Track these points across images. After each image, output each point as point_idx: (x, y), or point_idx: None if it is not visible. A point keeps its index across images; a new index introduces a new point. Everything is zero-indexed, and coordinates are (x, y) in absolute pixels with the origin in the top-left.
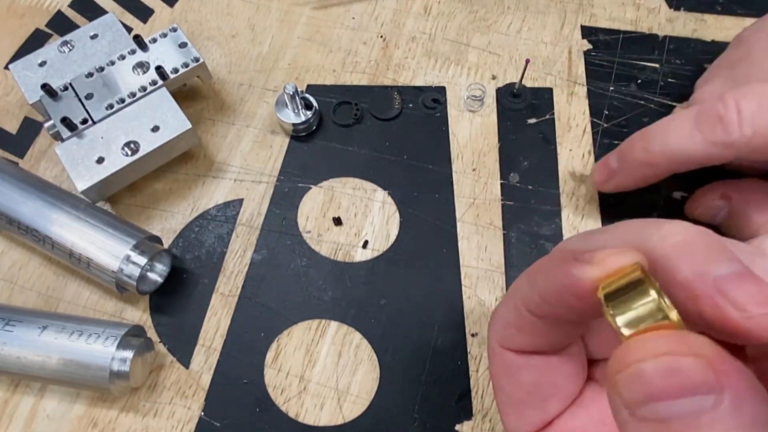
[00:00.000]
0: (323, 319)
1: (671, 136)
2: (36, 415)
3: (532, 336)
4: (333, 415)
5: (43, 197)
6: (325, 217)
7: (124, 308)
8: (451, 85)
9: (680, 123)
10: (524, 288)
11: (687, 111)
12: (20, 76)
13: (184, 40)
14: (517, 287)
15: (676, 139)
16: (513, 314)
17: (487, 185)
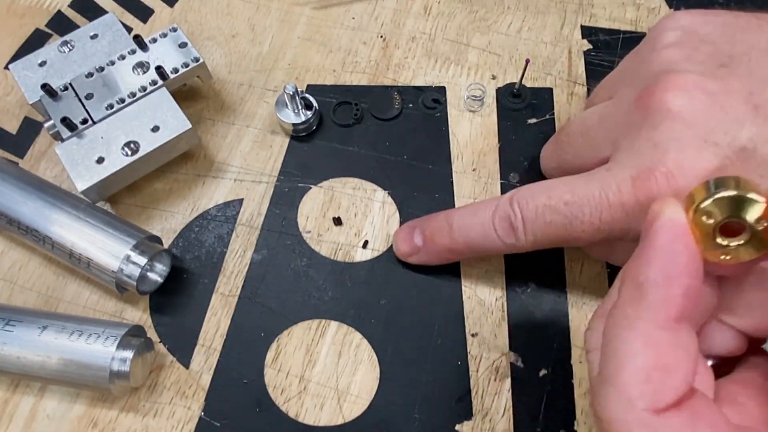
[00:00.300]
0: (323, 319)
1: (473, 231)
2: (36, 415)
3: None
4: (333, 415)
5: (43, 197)
6: (325, 217)
7: (124, 308)
8: (451, 85)
9: (482, 218)
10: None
11: (489, 206)
12: (20, 76)
13: (184, 40)
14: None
15: (477, 235)
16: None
17: (487, 185)
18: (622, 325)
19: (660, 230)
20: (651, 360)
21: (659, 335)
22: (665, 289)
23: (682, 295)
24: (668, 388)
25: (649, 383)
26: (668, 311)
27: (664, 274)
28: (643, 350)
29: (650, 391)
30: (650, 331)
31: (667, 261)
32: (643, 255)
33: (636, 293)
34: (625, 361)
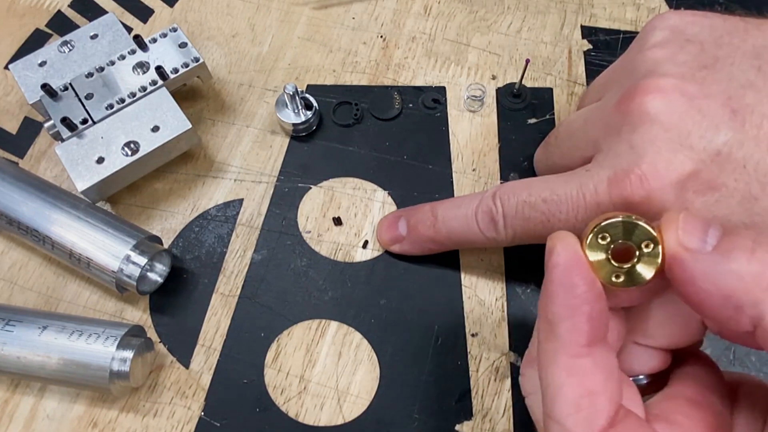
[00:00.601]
0: (323, 319)
1: (456, 222)
2: (36, 415)
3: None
4: (333, 415)
5: (43, 197)
6: (325, 217)
7: (124, 308)
8: (451, 85)
9: (466, 210)
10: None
11: (473, 200)
12: (20, 76)
13: (184, 40)
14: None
15: (459, 226)
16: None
17: (487, 185)
18: (546, 361)
19: (556, 266)
20: (577, 388)
21: (578, 363)
22: (570, 320)
23: (586, 321)
24: (598, 412)
25: (580, 411)
26: (578, 339)
27: (566, 306)
28: (568, 380)
29: (583, 419)
30: (569, 362)
31: (566, 293)
32: (546, 292)
33: (548, 329)
34: (556, 395)
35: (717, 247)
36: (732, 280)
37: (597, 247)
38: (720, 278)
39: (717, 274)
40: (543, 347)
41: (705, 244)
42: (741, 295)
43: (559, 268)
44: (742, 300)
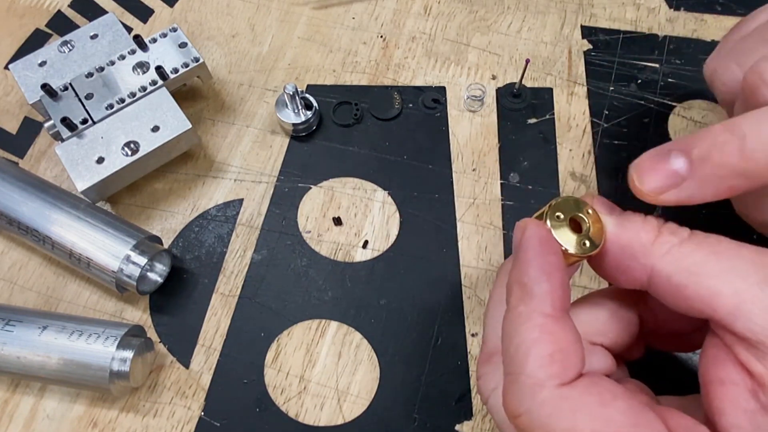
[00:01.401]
0: (323, 319)
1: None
2: (36, 415)
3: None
4: (333, 415)
5: (43, 197)
6: (325, 217)
7: (124, 308)
8: (451, 85)
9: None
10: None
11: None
12: (20, 76)
13: (184, 40)
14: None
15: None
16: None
17: (487, 185)
18: (518, 322)
19: (530, 239)
20: (551, 345)
21: (551, 323)
22: (547, 283)
23: (560, 287)
24: (570, 365)
25: (554, 363)
26: (553, 302)
27: (542, 271)
28: (541, 337)
29: (557, 370)
30: (543, 321)
31: (542, 261)
32: (521, 260)
33: (522, 293)
34: (529, 352)
35: (621, 215)
36: (630, 234)
37: (557, 224)
38: (622, 233)
39: (620, 228)
40: (515, 311)
41: (613, 210)
42: (636, 247)
43: (535, 239)
44: (637, 251)
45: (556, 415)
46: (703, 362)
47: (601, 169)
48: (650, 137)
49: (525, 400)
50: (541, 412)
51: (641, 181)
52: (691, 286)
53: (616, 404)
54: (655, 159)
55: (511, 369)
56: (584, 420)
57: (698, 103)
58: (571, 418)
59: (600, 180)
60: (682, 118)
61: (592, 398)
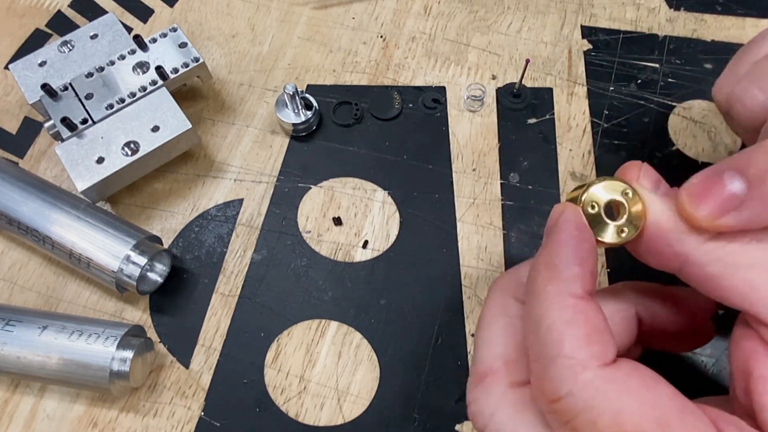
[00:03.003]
0: (323, 319)
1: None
2: (36, 415)
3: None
4: (333, 415)
5: (43, 197)
6: (325, 217)
7: (124, 308)
8: (451, 85)
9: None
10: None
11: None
12: (20, 76)
13: (184, 40)
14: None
15: None
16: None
17: (487, 185)
18: (546, 302)
19: (566, 223)
20: (587, 325)
21: (584, 305)
22: (579, 267)
23: (590, 272)
24: (608, 346)
25: (593, 343)
26: (584, 285)
27: (575, 255)
28: (576, 317)
29: (597, 351)
30: (575, 302)
31: (576, 245)
32: (554, 243)
33: (551, 273)
34: (563, 332)
35: (664, 194)
36: (670, 220)
37: (589, 211)
38: (663, 216)
39: (661, 212)
40: (543, 292)
41: (658, 189)
42: (673, 233)
43: (572, 223)
44: (674, 238)
45: (601, 397)
46: (738, 356)
47: (601, 169)
48: (650, 137)
49: (567, 383)
50: (585, 394)
51: (695, 207)
52: (727, 278)
53: (662, 388)
54: (707, 181)
55: (544, 352)
56: (631, 403)
57: (698, 103)
58: (618, 400)
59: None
60: (682, 118)
61: (638, 381)
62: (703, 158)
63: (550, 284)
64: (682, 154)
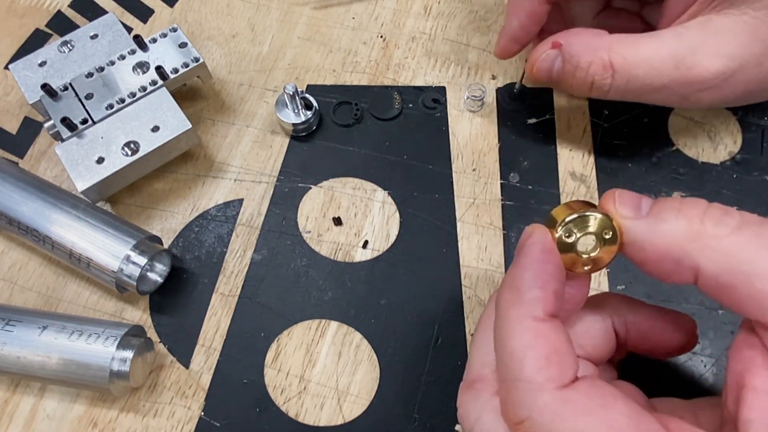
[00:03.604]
0: (323, 319)
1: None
2: (36, 415)
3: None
4: (333, 415)
5: (43, 197)
6: (325, 217)
7: (124, 308)
8: (451, 85)
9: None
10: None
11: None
12: (20, 76)
13: (184, 40)
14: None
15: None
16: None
17: (487, 185)
18: (509, 325)
19: (533, 245)
20: (545, 347)
21: (543, 326)
22: (540, 290)
23: (553, 294)
24: (567, 367)
25: (551, 366)
26: (545, 307)
27: (538, 277)
28: (536, 340)
29: (555, 373)
30: (535, 325)
31: (539, 268)
32: (519, 265)
33: (515, 296)
34: (525, 355)
35: (649, 212)
36: (665, 238)
37: (564, 240)
38: (656, 238)
39: (654, 234)
40: (506, 315)
41: (640, 211)
42: (675, 250)
43: (537, 245)
44: (677, 254)
45: (558, 419)
46: (736, 363)
47: (601, 169)
48: (650, 137)
49: (526, 406)
50: (544, 417)
51: (530, 59)
52: (740, 287)
53: (618, 407)
54: (544, 50)
55: (507, 375)
56: (588, 423)
57: None
58: (574, 421)
59: (600, 180)
60: (682, 118)
61: (594, 401)
62: (703, 158)
63: (513, 307)
64: (682, 154)
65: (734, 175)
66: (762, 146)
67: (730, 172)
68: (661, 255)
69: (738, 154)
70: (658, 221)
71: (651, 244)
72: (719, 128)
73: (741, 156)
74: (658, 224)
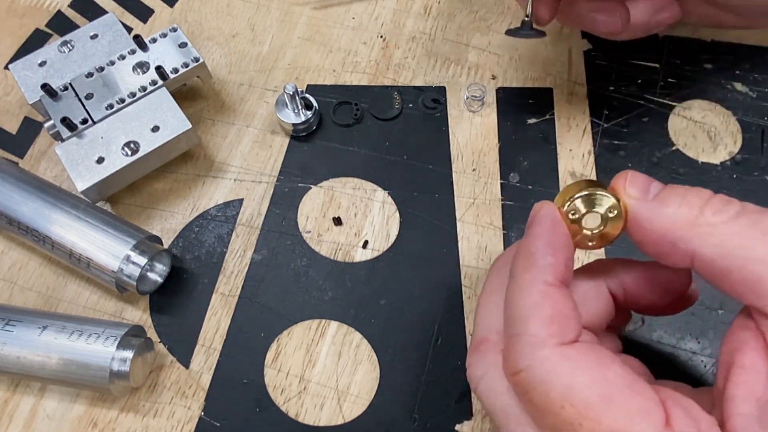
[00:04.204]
0: (323, 319)
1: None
2: (36, 415)
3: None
4: (333, 415)
5: (43, 197)
6: (325, 217)
7: (124, 308)
8: (451, 85)
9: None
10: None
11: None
12: (20, 76)
13: (184, 40)
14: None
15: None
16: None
17: (487, 185)
18: (521, 287)
19: (544, 217)
20: (551, 308)
21: (553, 291)
22: (552, 257)
23: (563, 263)
24: (570, 328)
25: (554, 324)
26: (556, 273)
27: (550, 246)
28: (544, 301)
29: (557, 331)
30: (545, 288)
31: (551, 237)
32: (531, 234)
33: (528, 262)
34: (531, 313)
35: (656, 196)
36: (667, 221)
37: (570, 216)
38: (657, 220)
39: (655, 216)
40: (520, 277)
41: (648, 194)
42: (674, 233)
43: (548, 217)
44: (675, 237)
45: (555, 371)
46: (729, 345)
47: (601, 169)
48: (650, 137)
49: (526, 357)
50: (542, 368)
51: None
52: (736, 271)
53: (613, 367)
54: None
55: (513, 330)
56: (582, 377)
57: (698, 103)
58: (570, 374)
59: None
60: (682, 118)
61: (591, 359)
62: (703, 158)
63: (527, 271)
64: (682, 154)
65: (734, 175)
66: (762, 146)
67: (730, 172)
68: (659, 236)
69: (738, 154)
70: (661, 205)
71: (651, 225)
72: (719, 128)
73: (741, 156)
74: (662, 208)
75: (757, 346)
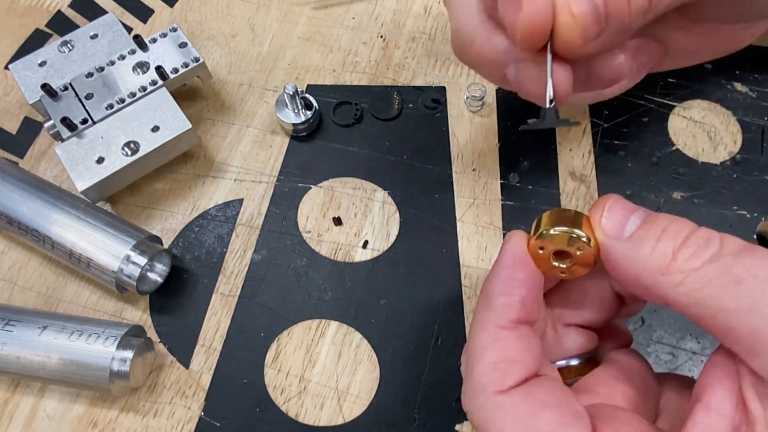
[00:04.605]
0: (323, 319)
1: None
2: (36, 415)
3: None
4: (333, 415)
5: (43, 197)
6: (325, 217)
7: (124, 308)
8: (451, 85)
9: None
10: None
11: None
12: (20, 76)
13: (184, 40)
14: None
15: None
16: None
17: (487, 185)
18: (476, 328)
19: (505, 254)
20: (497, 353)
21: (503, 333)
22: (506, 297)
23: (519, 302)
24: (511, 374)
25: (495, 372)
26: (509, 314)
27: (505, 285)
28: (491, 345)
29: (496, 378)
30: (496, 331)
31: (508, 275)
32: (492, 272)
33: (485, 302)
34: (480, 356)
35: (632, 235)
36: (638, 266)
37: (539, 250)
38: (629, 265)
39: (628, 261)
40: (477, 317)
41: (622, 232)
42: (645, 279)
43: (509, 254)
44: (647, 283)
45: (489, 419)
46: (703, 379)
47: (601, 169)
48: (650, 137)
49: (470, 400)
50: (480, 415)
51: (569, 26)
52: (708, 319)
53: (544, 415)
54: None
55: (466, 370)
56: (511, 427)
57: (698, 103)
58: (501, 424)
59: (600, 180)
60: (682, 118)
61: (523, 408)
62: (703, 158)
63: (482, 311)
64: (682, 154)
65: (734, 175)
66: (762, 146)
67: (730, 172)
68: (632, 280)
69: (738, 154)
70: (635, 247)
71: (623, 269)
72: (719, 128)
73: (741, 156)
74: (634, 251)
75: (730, 387)
